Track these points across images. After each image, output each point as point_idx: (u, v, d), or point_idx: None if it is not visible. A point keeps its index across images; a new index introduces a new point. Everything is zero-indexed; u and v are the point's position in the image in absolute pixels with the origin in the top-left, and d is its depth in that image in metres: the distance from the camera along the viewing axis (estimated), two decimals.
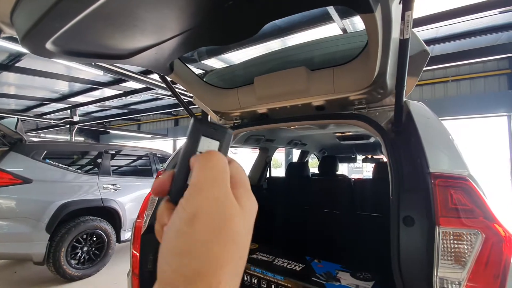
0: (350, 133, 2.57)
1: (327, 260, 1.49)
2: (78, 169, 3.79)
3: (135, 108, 8.21)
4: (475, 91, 5.02)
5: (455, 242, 0.73)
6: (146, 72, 4.92)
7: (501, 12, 2.90)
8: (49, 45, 0.62)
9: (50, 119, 7.94)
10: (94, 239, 3.67)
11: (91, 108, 8.36)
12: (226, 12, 0.68)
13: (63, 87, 6.08)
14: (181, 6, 0.63)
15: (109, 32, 0.66)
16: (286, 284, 1.29)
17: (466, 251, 0.71)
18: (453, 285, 0.69)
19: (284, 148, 5.38)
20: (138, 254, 1.45)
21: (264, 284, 1.38)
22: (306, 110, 1.36)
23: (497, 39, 3.94)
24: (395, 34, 0.76)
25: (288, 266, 1.42)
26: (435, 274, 0.71)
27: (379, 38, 0.76)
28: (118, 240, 3.99)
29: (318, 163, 3.17)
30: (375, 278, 1.23)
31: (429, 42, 3.91)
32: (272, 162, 2.86)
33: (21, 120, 8.07)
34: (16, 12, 0.57)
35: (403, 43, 0.74)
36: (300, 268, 1.39)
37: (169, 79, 1.23)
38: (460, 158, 0.86)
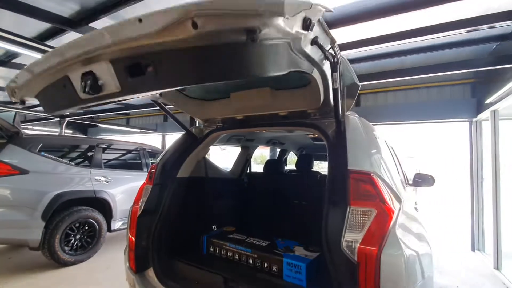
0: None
1: (289, 239, 1.85)
2: (71, 161, 4.02)
3: (124, 102, 8.32)
4: (443, 97, 5.50)
5: (358, 216, 1.08)
6: None
7: (468, 31, 3.28)
8: None
9: (40, 112, 7.97)
10: (87, 227, 3.93)
11: None
12: None
13: None
14: None
15: None
16: (253, 255, 1.65)
17: (364, 221, 1.07)
18: (353, 243, 1.04)
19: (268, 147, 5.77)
20: (134, 233, 1.75)
21: (236, 256, 1.74)
22: (274, 118, 1.70)
23: (461, 52, 4.39)
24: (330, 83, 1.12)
25: (256, 243, 1.78)
26: (343, 236, 1.06)
27: (320, 85, 1.11)
28: (109, 229, 4.26)
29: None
30: (321, 250, 1.60)
31: (399, 53, 4.33)
32: (259, 159, 3.19)
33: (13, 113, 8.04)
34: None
35: (334, 90, 1.09)
36: (266, 244, 1.76)
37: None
38: (371, 159, 1.22)
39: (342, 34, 3.57)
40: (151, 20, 0.76)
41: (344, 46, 3.72)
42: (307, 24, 0.78)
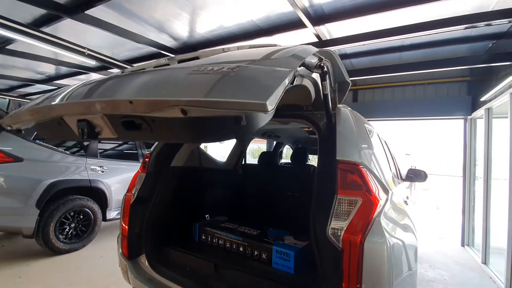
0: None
1: (280, 229, 1.89)
2: (67, 150, 4.01)
3: None
4: (440, 95, 5.53)
5: (344, 205, 1.11)
6: (131, 61, 5.10)
7: (466, 28, 3.30)
8: None
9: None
10: (82, 216, 3.95)
11: None
12: None
13: (49, 69, 6.13)
14: None
15: None
16: (243, 243, 1.69)
17: (350, 210, 1.10)
18: (338, 231, 1.08)
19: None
20: (127, 220, 1.78)
21: (227, 244, 1.78)
22: None
23: (458, 49, 4.40)
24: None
25: (247, 232, 1.81)
26: (329, 224, 1.09)
27: (311, 89, 1.13)
28: (104, 219, 4.28)
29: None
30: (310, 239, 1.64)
31: (397, 49, 4.34)
32: (256, 153, 3.21)
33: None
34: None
35: (325, 96, 1.12)
36: (257, 233, 1.79)
37: None
38: (360, 151, 1.24)
39: (339, 28, 3.57)
40: (141, 104, 0.80)
41: (341, 41, 3.72)
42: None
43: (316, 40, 3.75)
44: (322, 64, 1.06)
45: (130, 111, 0.85)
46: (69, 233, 3.83)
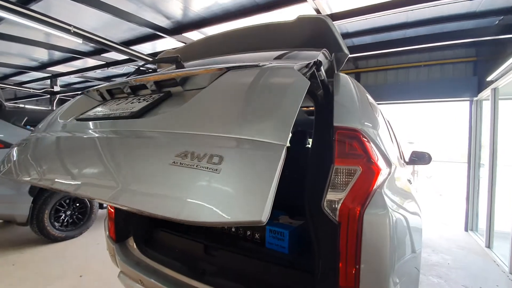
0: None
1: (276, 209, 1.78)
2: None
3: None
4: (445, 76, 5.33)
5: (342, 174, 0.99)
6: (128, 43, 4.91)
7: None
8: None
9: (29, 88, 7.77)
10: (77, 204, 3.87)
11: (73, 79, 8.23)
12: None
13: (42, 55, 5.96)
14: None
15: None
16: None
17: (348, 180, 0.98)
18: (335, 202, 0.96)
19: None
20: None
21: None
22: None
23: (464, 25, 4.18)
24: None
25: None
26: (325, 196, 0.97)
27: None
28: (101, 206, 4.21)
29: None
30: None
31: (401, 26, 4.13)
32: None
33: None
34: None
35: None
36: None
37: None
38: (360, 117, 1.11)
39: (340, 1, 3.37)
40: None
41: (343, 15, 3.53)
42: None
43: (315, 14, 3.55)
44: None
45: None
46: (65, 220, 3.76)
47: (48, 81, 7.56)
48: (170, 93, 1.06)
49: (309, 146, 3.30)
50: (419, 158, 3.48)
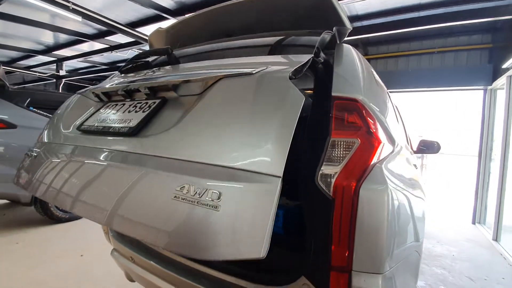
0: None
1: None
2: None
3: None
4: (458, 63, 5.11)
5: (339, 147, 0.91)
6: (132, 25, 4.82)
7: None
8: None
9: (36, 72, 7.83)
10: None
11: (79, 64, 8.23)
12: None
13: (48, 38, 5.95)
14: None
15: None
16: None
17: (345, 153, 0.90)
18: (329, 177, 0.88)
19: None
20: None
21: None
22: None
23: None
24: None
25: None
26: (319, 169, 0.90)
27: None
28: None
29: None
30: None
31: (414, 8, 3.93)
32: None
33: (7, 73, 7.96)
34: None
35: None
36: None
37: None
38: (361, 88, 1.02)
39: None
40: None
41: None
42: None
43: None
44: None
45: None
46: None
47: (54, 66, 7.58)
48: (165, 99, 1.07)
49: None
50: (428, 147, 3.37)
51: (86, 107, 1.34)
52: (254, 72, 0.90)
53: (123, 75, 1.60)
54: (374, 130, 0.94)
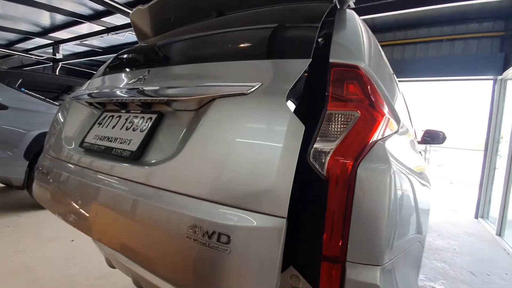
0: None
1: None
2: (55, 101, 3.78)
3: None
4: (468, 52, 4.89)
5: (335, 121, 0.79)
6: (130, 5, 4.60)
7: None
8: None
9: (33, 55, 7.70)
10: None
11: (78, 49, 8.07)
12: None
13: (44, 19, 5.80)
14: None
15: None
16: None
17: (342, 128, 0.77)
18: (323, 154, 0.76)
19: None
20: None
21: None
22: None
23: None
24: None
25: None
26: (312, 146, 0.77)
27: None
28: None
29: None
30: None
31: None
32: None
33: (6, 56, 7.88)
34: None
35: None
36: None
37: None
38: (364, 55, 0.89)
39: None
40: None
41: None
42: None
43: None
44: None
45: None
46: None
47: (51, 50, 7.44)
48: (161, 114, 1.03)
49: None
50: (432, 138, 3.23)
51: (82, 115, 1.35)
52: (248, 92, 0.82)
53: (111, 72, 1.49)
54: (376, 103, 0.81)
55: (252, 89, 0.82)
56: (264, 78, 0.85)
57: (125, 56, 1.61)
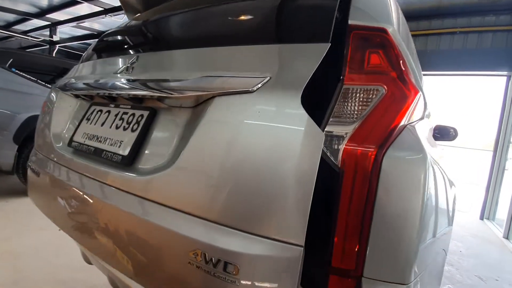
0: None
1: None
2: (48, 84, 3.61)
3: None
4: (482, 45, 4.66)
5: (354, 97, 0.62)
6: None
7: None
8: None
9: (30, 37, 7.55)
10: None
11: (77, 32, 7.87)
12: None
13: None
14: None
15: None
16: None
17: (362, 107, 0.61)
18: (337, 139, 0.60)
19: None
20: None
21: None
22: None
23: None
24: None
25: None
26: (323, 130, 0.60)
27: None
28: None
29: None
30: None
31: None
32: None
33: (4, 38, 7.72)
34: None
35: None
36: None
37: None
38: (390, 16, 0.71)
39: None
40: None
41: None
42: None
43: None
44: None
45: None
46: None
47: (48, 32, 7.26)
48: (153, 110, 0.88)
49: None
50: (443, 134, 3.04)
51: (70, 107, 1.24)
52: (252, 89, 0.65)
53: (97, 57, 1.34)
54: (407, 76, 0.64)
55: (258, 84, 0.65)
56: (273, 69, 0.67)
57: (110, 38, 1.43)
